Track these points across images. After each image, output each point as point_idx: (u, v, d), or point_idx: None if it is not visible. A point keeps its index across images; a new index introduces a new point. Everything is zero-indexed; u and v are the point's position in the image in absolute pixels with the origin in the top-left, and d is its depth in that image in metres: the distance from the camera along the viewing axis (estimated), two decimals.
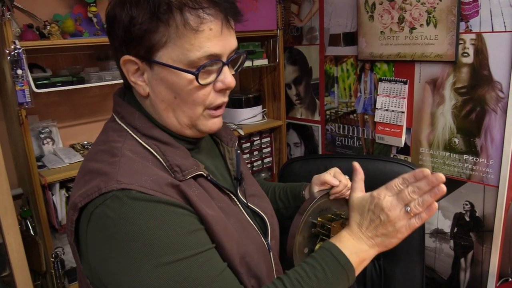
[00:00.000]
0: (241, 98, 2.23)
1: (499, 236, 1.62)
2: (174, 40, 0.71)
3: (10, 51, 1.39)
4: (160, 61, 0.73)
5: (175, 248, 0.68)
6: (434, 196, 0.74)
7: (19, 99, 1.43)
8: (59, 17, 1.69)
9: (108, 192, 0.67)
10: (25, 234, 1.59)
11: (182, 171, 0.76)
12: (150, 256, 0.66)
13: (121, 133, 0.79)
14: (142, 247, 0.66)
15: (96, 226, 0.68)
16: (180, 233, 0.69)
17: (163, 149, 0.78)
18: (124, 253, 0.66)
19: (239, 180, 0.94)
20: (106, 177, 0.69)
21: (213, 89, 0.78)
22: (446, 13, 1.60)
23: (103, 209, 0.67)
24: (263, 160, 2.38)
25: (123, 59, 0.76)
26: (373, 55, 1.86)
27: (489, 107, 1.57)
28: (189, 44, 0.71)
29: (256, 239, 0.87)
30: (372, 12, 1.82)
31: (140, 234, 0.66)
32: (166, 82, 0.75)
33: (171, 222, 0.69)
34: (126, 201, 0.67)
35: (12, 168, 1.74)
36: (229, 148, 0.96)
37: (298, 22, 2.19)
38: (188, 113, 0.78)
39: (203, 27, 0.71)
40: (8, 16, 1.36)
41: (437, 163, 1.76)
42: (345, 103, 2.06)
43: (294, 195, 1.10)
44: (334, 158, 1.77)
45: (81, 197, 0.70)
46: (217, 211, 0.78)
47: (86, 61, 1.84)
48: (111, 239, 0.67)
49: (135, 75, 0.77)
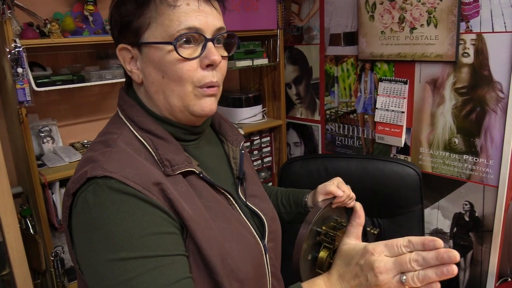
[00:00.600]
0: (241, 97, 2.23)
1: (499, 236, 1.62)
2: (155, 19, 0.75)
3: (11, 50, 1.39)
4: (146, 41, 0.77)
5: (133, 246, 0.68)
6: (439, 275, 0.62)
7: (19, 98, 1.42)
8: (59, 15, 1.68)
9: (93, 178, 0.70)
10: (24, 232, 1.59)
11: (172, 165, 0.77)
12: (109, 248, 0.68)
13: (120, 126, 0.82)
14: (104, 237, 0.68)
15: (77, 210, 0.72)
16: (143, 232, 0.69)
17: (156, 143, 0.79)
18: (90, 239, 0.69)
19: (240, 180, 0.94)
20: (95, 163, 0.72)
21: (200, 66, 0.78)
22: (446, 13, 1.60)
23: (86, 194, 0.70)
24: (263, 160, 2.38)
25: (118, 47, 0.81)
26: (373, 55, 1.86)
27: (489, 107, 1.57)
28: (168, 20, 0.75)
29: (247, 241, 0.86)
30: (373, 12, 1.82)
31: (106, 224, 0.68)
32: (153, 62, 0.78)
33: (138, 219, 0.69)
34: (104, 189, 0.69)
35: (11, 167, 1.74)
36: (233, 147, 0.97)
37: (299, 22, 2.19)
38: (177, 92, 0.79)
39: (179, 2, 0.75)
40: (8, 14, 1.36)
41: (437, 163, 1.76)
42: (345, 102, 2.07)
43: (297, 202, 1.10)
44: (334, 158, 1.77)
45: (73, 183, 0.73)
46: (200, 210, 0.77)
47: (86, 59, 1.83)
48: (85, 224, 0.70)
49: (130, 63, 0.82)
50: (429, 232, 1.84)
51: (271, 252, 0.93)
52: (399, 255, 0.65)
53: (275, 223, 0.97)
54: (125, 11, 0.77)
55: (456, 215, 1.74)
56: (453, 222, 1.76)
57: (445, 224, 1.78)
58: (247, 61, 2.11)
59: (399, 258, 0.65)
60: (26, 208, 1.66)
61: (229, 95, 2.26)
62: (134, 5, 0.76)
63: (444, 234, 1.80)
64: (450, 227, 1.77)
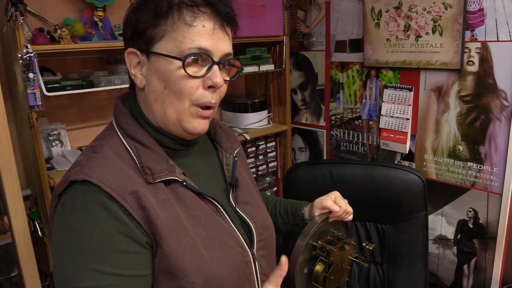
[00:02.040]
0: (247, 102, 2.25)
1: (502, 243, 1.63)
2: (170, 33, 0.78)
3: (22, 55, 1.41)
4: (156, 51, 0.80)
5: (94, 258, 0.72)
6: None
7: (30, 102, 1.45)
8: (69, 21, 1.71)
9: (74, 181, 0.75)
10: (33, 235, 1.61)
11: (153, 174, 0.80)
12: (71, 252, 0.72)
13: (111, 132, 0.85)
14: (71, 242, 0.73)
15: (58, 210, 0.77)
16: (106, 247, 0.72)
17: (140, 151, 0.82)
18: (60, 240, 0.74)
19: (232, 186, 0.95)
20: (78, 168, 0.77)
21: (202, 86, 0.81)
22: (451, 21, 1.61)
23: (66, 197, 0.76)
24: (268, 165, 2.39)
25: (127, 51, 0.84)
26: (378, 62, 1.88)
27: (494, 115, 1.58)
28: (182, 36, 0.78)
29: (230, 248, 0.86)
30: (378, 20, 1.84)
31: (75, 230, 0.73)
32: (158, 72, 0.80)
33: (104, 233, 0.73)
34: (79, 197, 0.74)
35: (20, 169, 1.76)
36: (227, 154, 0.99)
37: (305, 28, 2.21)
38: (175, 105, 0.81)
39: (196, 22, 0.78)
40: (21, 20, 1.38)
41: (441, 169, 1.78)
42: (350, 109, 2.08)
43: (294, 214, 1.13)
44: (339, 164, 1.79)
45: (59, 185, 0.78)
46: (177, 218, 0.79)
47: (95, 64, 1.86)
48: (60, 224, 0.75)
49: (136, 68, 0.84)
50: (433, 239, 1.85)
51: (262, 260, 0.92)
52: None
53: (266, 231, 0.97)
54: (141, 18, 0.80)
55: (460, 222, 1.75)
56: (457, 228, 1.77)
57: (449, 231, 1.79)
58: (254, 67, 2.13)
59: None
60: (34, 210, 1.68)
61: (235, 100, 2.28)
62: (152, 14, 0.79)
63: (448, 241, 1.81)
64: (454, 234, 1.78)
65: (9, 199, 1.36)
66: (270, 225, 1.00)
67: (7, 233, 1.45)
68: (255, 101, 2.27)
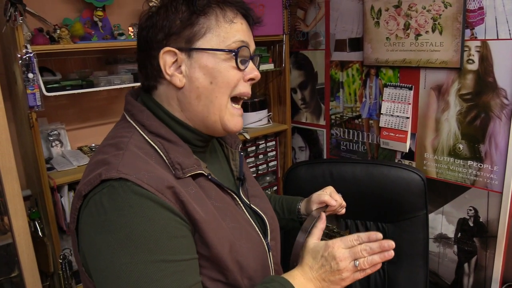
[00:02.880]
0: (247, 102, 2.25)
1: (503, 241, 1.63)
2: (213, 30, 0.82)
3: (22, 55, 1.41)
4: (201, 47, 0.82)
5: (152, 249, 0.70)
6: (381, 258, 0.82)
7: (30, 103, 1.45)
8: (69, 21, 1.71)
9: (107, 180, 0.71)
10: (33, 235, 1.61)
11: (183, 168, 0.80)
12: (128, 250, 0.69)
13: (130, 130, 0.83)
14: (123, 240, 0.69)
15: (90, 211, 0.72)
16: (161, 236, 0.71)
17: (167, 147, 0.81)
18: (107, 241, 0.70)
19: (241, 181, 0.98)
20: (108, 166, 0.73)
21: (243, 79, 0.86)
22: (451, 20, 1.61)
23: (100, 196, 0.71)
24: (268, 164, 2.39)
25: (164, 50, 0.82)
26: (378, 60, 1.88)
27: (494, 114, 1.58)
28: (225, 32, 0.82)
29: (254, 239, 0.89)
30: (378, 19, 1.84)
31: (124, 227, 0.69)
32: (204, 67, 0.82)
33: (155, 223, 0.71)
34: (120, 192, 0.70)
35: (21, 170, 1.76)
36: (233, 150, 1.02)
37: (304, 27, 2.21)
38: (219, 100, 0.83)
39: (237, 19, 0.84)
40: (20, 21, 1.38)
41: (442, 168, 1.78)
42: (350, 108, 2.08)
43: (290, 209, 1.15)
44: (339, 163, 1.78)
45: (85, 185, 0.74)
46: (210, 211, 0.80)
47: (95, 64, 1.86)
48: (100, 226, 0.71)
49: (172, 67, 0.83)
50: (433, 237, 1.85)
51: (273, 250, 0.96)
52: (352, 247, 0.83)
53: (275, 221, 1.01)
54: (177, 18, 0.81)
55: (461, 221, 1.75)
56: (458, 227, 1.77)
57: (450, 229, 1.79)
58: None
59: (353, 249, 0.83)
60: (35, 211, 1.68)
61: None
62: (188, 14, 0.81)
63: (449, 239, 1.81)
64: (455, 232, 1.78)
65: (9, 200, 1.36)
66: (276, 217, 1.04)
67: (8, 234, 1.45)
68: (255, 101, 2.27)
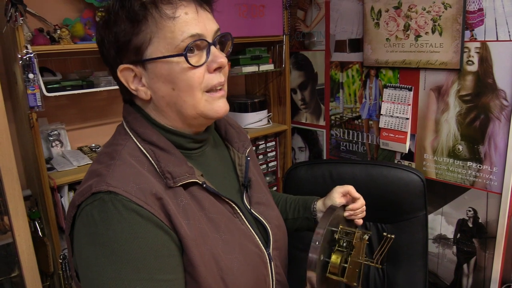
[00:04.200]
0: (247, 102, 2.25)
1: (502, 242, 1.64)
2: (157, 34, 0.76)
3: (22, 56, 1.41)
4: (150, 57, 0.77)
5: (138, 267, 0.70)
6: None
7: (30, 103, 1.45)
8: (69, 21, 1.71)
9: (97, 192, 0.72)
10: (33, 235, 1.61)
11: (173, 178, 0.78)
12: (114, 266, 0.69)
13: (125, 137, 0.82)
14: (110, 255, 0.69)
15: (82, 222, 0.73)
16: (148, 254, 0.71)
17: (158, 155, 0.80)
18: (95, 253, 0.70)
19: (245, 187, 0.94)
20: (99, 178, 0.74)
21: (207, 71, 0.80)
22: (451, 21, 1.61)
23: (91, 208, 0.72)
24: (268, 164, 2.40)
25: (119, 69, 0.80)
26: (378, 61, 1.88)
27: (493, 115, 1.58)
28: (170, 32, 0.75)
29: (249, 251, 0.86)
30: (378, 20, 1.84)
31: (112, 241, 0.69)
32: (161, 76, 0.78)
33: (143, 241, 0.71)
34: (110, 206, 0.70)
35: (21, 170, 1.77)
36: (239, 154, 0.97)
37: (304, 28, 2.21)
38: (189, 102, 0.79)
39: (178, 12, 0.76)
40: (21, 21, 1.38)
41: (441, 169, 1.78)
42: (350, 108, 2.08)
43: (305, 206, 1.11)
44: (339, 164, 1.79)
45: (78, 195, 0.75)
46: (197, 225, 0.78)
47: (95, 64, 1.86)
48: (90, 237, 0.71)
49: (134, 82, 0.81)
50: (432, 238, 1.85)
51: (276, 260, 0.93)
52: None
53: (280, 230, 0.97)
54: (120, 31, 0.76)
55: (460, 221, 1.76)
56: (457, 228, 1.77)
57: (449, 230, 1.80)
58: (253, 67, 2.14)
59: None
60: (35, 211, 1.68)
61: (234, 100, 2.28)
62: (129, 24, 0.76)
63: (448, 240, 1.81)
64: (454, 233, 1.78)
65: (10, 200, 1.36)
66: (283, 225, 1.00)
67: (8, 233, 1.45)
68: (255, 101, 2.27)
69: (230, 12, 1.92)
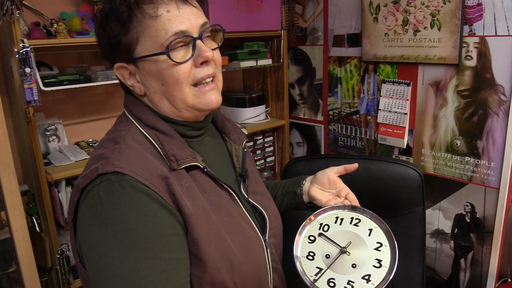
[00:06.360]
0: (245, 97, 2.24)
1: (499, 237, 1.64)
2: (143, 33, 0.79)
3: (19, 50, 1.40)
4: (139, 56, 0.81)
5: (144, 245, 0.71)
6: None
7: (27, 97, 1.44)
8: (66, 15, 1.69)
9: (104, 173, 0.73)
10: (30, 230, 1.60)
11: (177, 160, 0.81)
12: (120, 244, 0.70)
13: (127, 124, 0.86)
14: (117, 234, 0.71)
15: (88, 203, 0.74)
16: (153, 233, 0.72)
17: (162, 139, 0.83)
18: (101, 233, 0.72)
19: (243, 177, 0.98)
20: (105, 160, 0.76)
21: (195, 65, 0.82)
22: (450, 16, 1.61)
23: (98, 189, 0.73)
24: (266, 159, 2.40)
25: (115, 67, 0.85)
26: (376, 56, 1.88)
27: (491, 110, 1.58)
28: (154, 31, 0.78)
29: (248, 233, 0.89)
30: (377, 14, 1.83)
31: (119, 220, 0.71)
32: (151, 73, 0.82)
33: (149, 220, 0.72)
34: (117, 186, 0.72)
35: (18, 165, 1.76)
36: (236, 146, 1.01)
37: (302, 23, 2.21)
38: (178, 96, 0.82)
39: (160, 11, 0.78)
40: (17, 15, 1.37)
41: (439, 164, 1.78)
42: (348, 103, 2.08)
43: (294, 182, 1.15)
44: (337, 158, 1.79)
45: (83, 178, 0.76)
46: (201, 206, 0.80)
47: (92, 59, 1.85)
48: (97, 218, 0.73)
49: (130, 79, 0.85)
50: (430, 233, 1.85)
51: (272, 247, 0.95)
52: None
53: (277, 220, 1.00)
54: (111, 32, 0.80)
55: (457, 216, 1.76)
56: (454, 223, 1.78)
57: (446, 225, 1.80)
58: (251, 62, 2.13)
59: None
60: (32, 206, 1.68)
61: (232, 95, 2.27)
62: (117, 24, 0.79)
63: (445, 235, 1.82)
64: (451, 228, 1.79)
65: (7, 195, 1.36)
66: (279, 215, 1.03)
67: (5, 229, 1.45)
68: (253, 96, 2.27)
69: (228, 7, 1.91)
